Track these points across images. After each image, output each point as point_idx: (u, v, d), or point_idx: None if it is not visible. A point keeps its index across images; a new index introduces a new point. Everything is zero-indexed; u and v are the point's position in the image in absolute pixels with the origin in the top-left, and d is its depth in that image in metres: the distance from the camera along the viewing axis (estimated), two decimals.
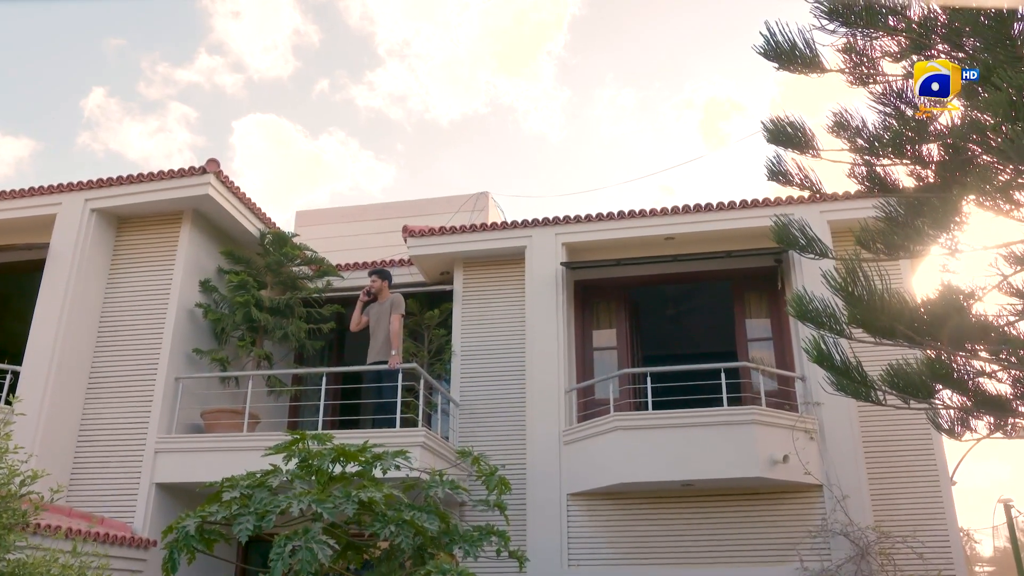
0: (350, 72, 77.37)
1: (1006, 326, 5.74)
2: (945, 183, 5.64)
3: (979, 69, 4.79)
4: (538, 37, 77.49)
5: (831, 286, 4.92)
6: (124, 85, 68.00)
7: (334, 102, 78.23)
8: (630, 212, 10.40)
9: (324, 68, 75.93)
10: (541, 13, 77.52)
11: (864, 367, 6.07)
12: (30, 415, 8.85)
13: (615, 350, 10.67)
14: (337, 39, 68.53)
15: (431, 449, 8.72)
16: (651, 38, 70.92)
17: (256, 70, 74.47)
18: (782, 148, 6.15)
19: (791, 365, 9.87)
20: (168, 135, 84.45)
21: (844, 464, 8.84)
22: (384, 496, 5.96)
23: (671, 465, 8.67)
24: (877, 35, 5.11)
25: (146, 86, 66.20)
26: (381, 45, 74.72)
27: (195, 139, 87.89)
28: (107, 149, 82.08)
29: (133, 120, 76.68)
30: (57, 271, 9.61)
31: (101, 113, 70.67)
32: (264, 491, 6.00)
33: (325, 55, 70.95)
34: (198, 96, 73.56)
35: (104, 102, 68.98)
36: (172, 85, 67.96)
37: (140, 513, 8.86)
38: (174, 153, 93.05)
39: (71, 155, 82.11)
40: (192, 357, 9.78)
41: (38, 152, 78.60)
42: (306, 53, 70.40)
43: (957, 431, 6.35)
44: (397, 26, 73.00)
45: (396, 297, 9.81)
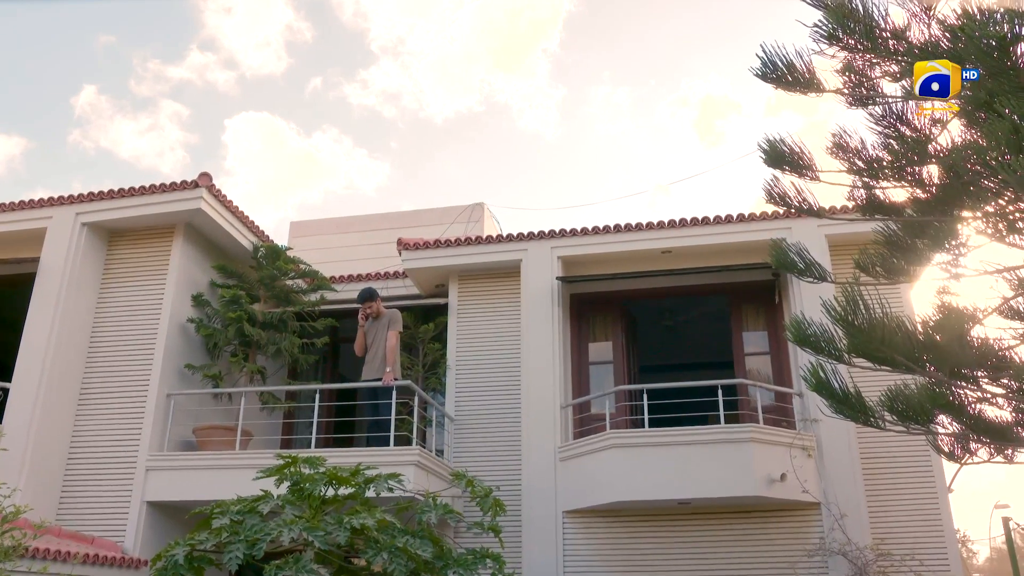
0: (343, 69, 77.29)
1: (1007, 350, 5.69)
2: (945, 206, 5.58)
3: (978, 70, 4.68)
4: (533, 34, 77.48)
5: (831, 316, 4.84)
6: (115, 82, 67.80)
7: (327, 100, 78.17)
8: (626, 226, 10.33)
9: (317, 65, 75.82)
10: (536, 10, 77.53)
11: (864, 389, 6.03)
12: (19, 432, 8.77)
13: (611, 364, 10.59)
14: (330, 36, 68.41)
15: (425, 467, 8.63)
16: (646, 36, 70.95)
17: (248, 67, 74.35)
18: (779, 171, 6.09)
19: (788, 379, 9.80)
20: (160, 133, 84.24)
21: (842, 482, 8.77)
22: (377, 522, 5.88)
23: (668, 483, 8.59)
24: (877, 60, 5.03)
25: (137, 83, 65.96)
26: (375, 42, 74.63)
27: (187, 137, 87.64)
28: (98, 147, 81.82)
29: (124, 118, 76.44)
30: (47, 286, 9.50)
31: (92, 111, 70.42)
32: (255, 517, 5.91)
33: (318, 52, 70.84)
34: (190, 93, 73.39)
35: (95, 100, 68.72)
36: (164, 82, 67.74)
37: (131, 532, 8.75)
38: (166, 151, 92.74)
39: (62, 153, 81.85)
40: (184, 373, 9.68)
41: (30, 150, 78.36)
42: (299, 50, 70.29)
43: (957, 454, 6.29)
44: (391, 23, 72.90)
45: (393, 313, 9.72)
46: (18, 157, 74.38)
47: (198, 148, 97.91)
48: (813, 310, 8.93)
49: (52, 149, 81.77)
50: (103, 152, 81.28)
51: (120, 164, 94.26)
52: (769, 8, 38.95)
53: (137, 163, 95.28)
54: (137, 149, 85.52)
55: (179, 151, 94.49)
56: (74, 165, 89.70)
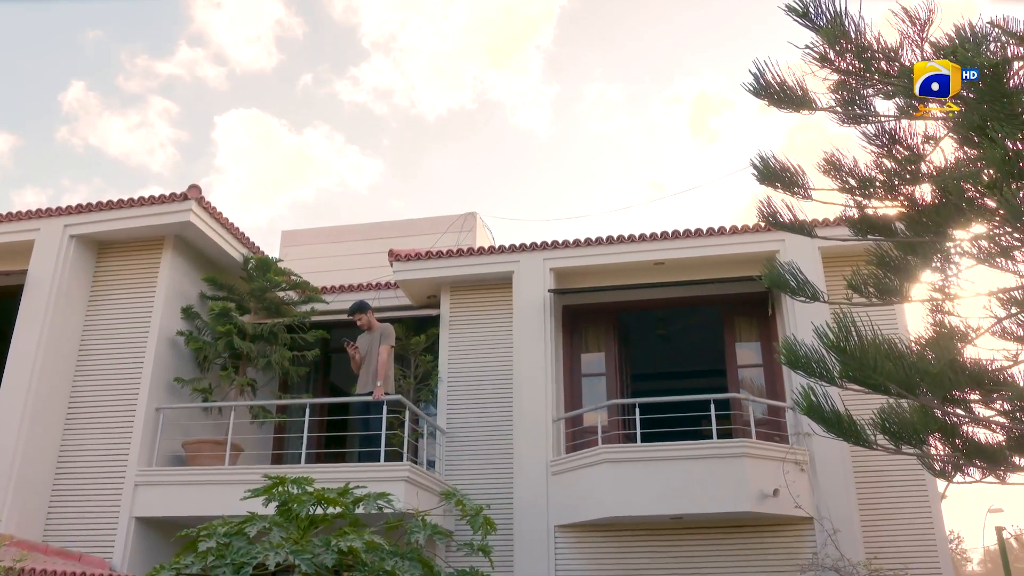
0: (334, 66, 77.02)
1: (999, 371, 5.64)
2: (938, 226, 5.54)
3: (978, 70, 4.61)
4: (526, 31, 77.27)
5: (823, 342, 4.79)
6: (103, 78, 67.37)
7: (319, 96, 77.93)
8: (619, 237, 10.28)
9: (308, 61, 75.54)
10: (529, 6, 77.39)
11: (857, 407, 5.98)
12: (6, 446, 8.70)
13: (604, 376, 10.54)
14: (321, 31, 68.11)
15: (416, 483, 8.56)
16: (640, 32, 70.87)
17: (238, 63, 74.03)
18: (772, 188, 6.04)
19: (781, 391, 9.76)
20: (150, 130, 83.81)
21: (835, 496, 8.73)
22: (365, 543, 5.82)
23: (660, 498, 8.54)
24: (870, 82, 4.99)
25: (125, 79, 65.56)
26: (366, 37, 74.35)
27: (177, 134, 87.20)
28: (87, 144, 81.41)
29: (113, 114, 76.02)
30: (35, 298, 9.40)
31: (80, 107, 70.00)
32: (242, 540, 5.85)
33: (309, 48, 70.56)
34: (179, 89, 73.00)
35: (83, 96, 68.27)
36: (152, 78, 67.35)
37: (119, 548, 8.66)
38: (156, 149, 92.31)
39: (51, 150, 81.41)
40: (173, 386, 9.59)
41: (18, 148, 77.94)
42: (290, 46, 70.02)
43: (949, 473, 6.25)
44: (382, 18, 72.60)
45: (386, 327, 9.64)
46: (6, 154, 73.97)
47: (188, 145, 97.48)
48: (807, 323, 8.94)
49: (40, 146, 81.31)
50: (92, 149, 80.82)
51: (110, 162, 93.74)
52: (763, 4, 38.77)
53: (126, 160, 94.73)
54: (126, 146, 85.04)
55: (169, 148, 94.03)
56: (63, 163, 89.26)
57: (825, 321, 4.93)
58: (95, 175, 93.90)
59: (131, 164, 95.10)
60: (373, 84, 78.90)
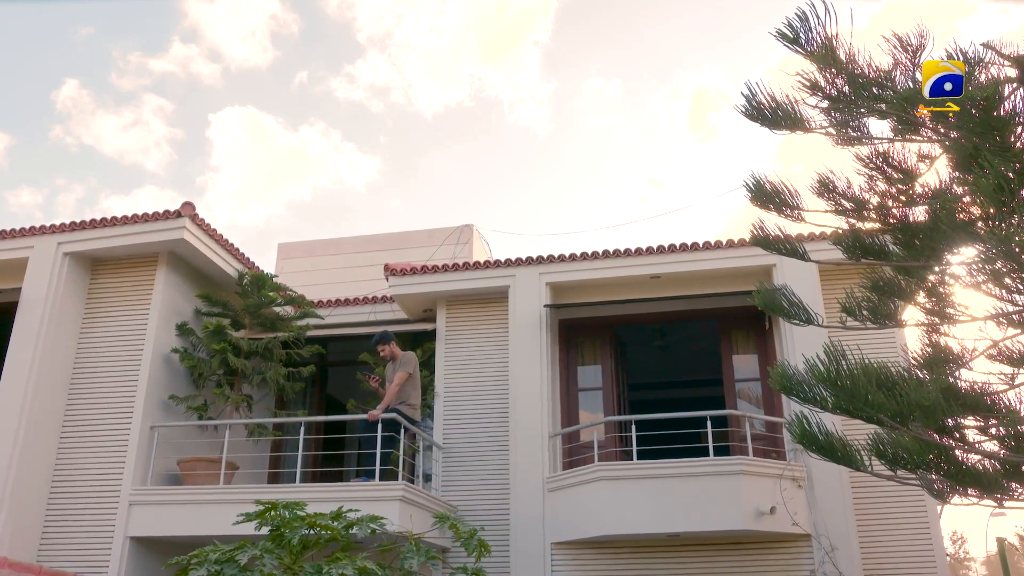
0: (330, 62, 76.80)
1: (993, 396, 5.60)
2: (932, 250, 5.50)
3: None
4: (523, 26, 77.04)
5: (815, 375, 4.75)
6: (96, 76, 67.07)
7: (314, 94, 77.72)
8: (615, 251, 10.24)
9: (303, 58, 75.29)
10: (526, 1, 77.15)
11: (853, 429, 5.94)
12: (0, 465, 8.65)
13: (600, 390, 10.50)
14: (316, 27, 67.87)
15: (411, 502, 8.52)
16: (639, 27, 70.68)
17: (233, 59, 73.81)
18: (765, 209, 6.00)
19: (779, 405, 9.71)
20: (144, 128, 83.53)
21: (833, 513, 8.68)
22: (357, 570, 5.78)
23: (657, 516, 8.49)
24: (863, 106, 4.95)
25: (119, 77, 65.28)
26: (361, 33, 74.10)
27: (172, 132, 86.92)
28: (81, 143, 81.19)
29: (107, 112, 75.75)
30: (29, 316, 9.37)
31: (74, 106, 69.73)
32: (233, 567, 5.82)
33: (304, 44, 70.34)
34: (173, 86, 72.72)
35: (77, 94, 67.99)
36: (146, 75, 67.07)
37: (114, 568, 8.63)
38: (151, 147, 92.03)
39: (45, 149, 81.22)
40: (168, 404, 9.56)
41: (12, 147, 77.82)
42: (285, 42, 69.82)
43: (947, 495, 6.21)
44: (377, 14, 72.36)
45: (406, 356, 9.51)
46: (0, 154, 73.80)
47: (183, 143, 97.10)
48: (804, 338, 8.92)
49: (34, 146, 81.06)
50: (86, 148, 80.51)
51: (104, 161, 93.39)
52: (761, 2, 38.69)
53: (121, 159, 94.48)
54: (121, 145, 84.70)
55: (164, 147, 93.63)
56: (57, 162, 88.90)
57: (815, 353, 4.88)
58: (90, 174, 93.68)
59: (126, 163, 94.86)
60: (369, 81, 78.76)
